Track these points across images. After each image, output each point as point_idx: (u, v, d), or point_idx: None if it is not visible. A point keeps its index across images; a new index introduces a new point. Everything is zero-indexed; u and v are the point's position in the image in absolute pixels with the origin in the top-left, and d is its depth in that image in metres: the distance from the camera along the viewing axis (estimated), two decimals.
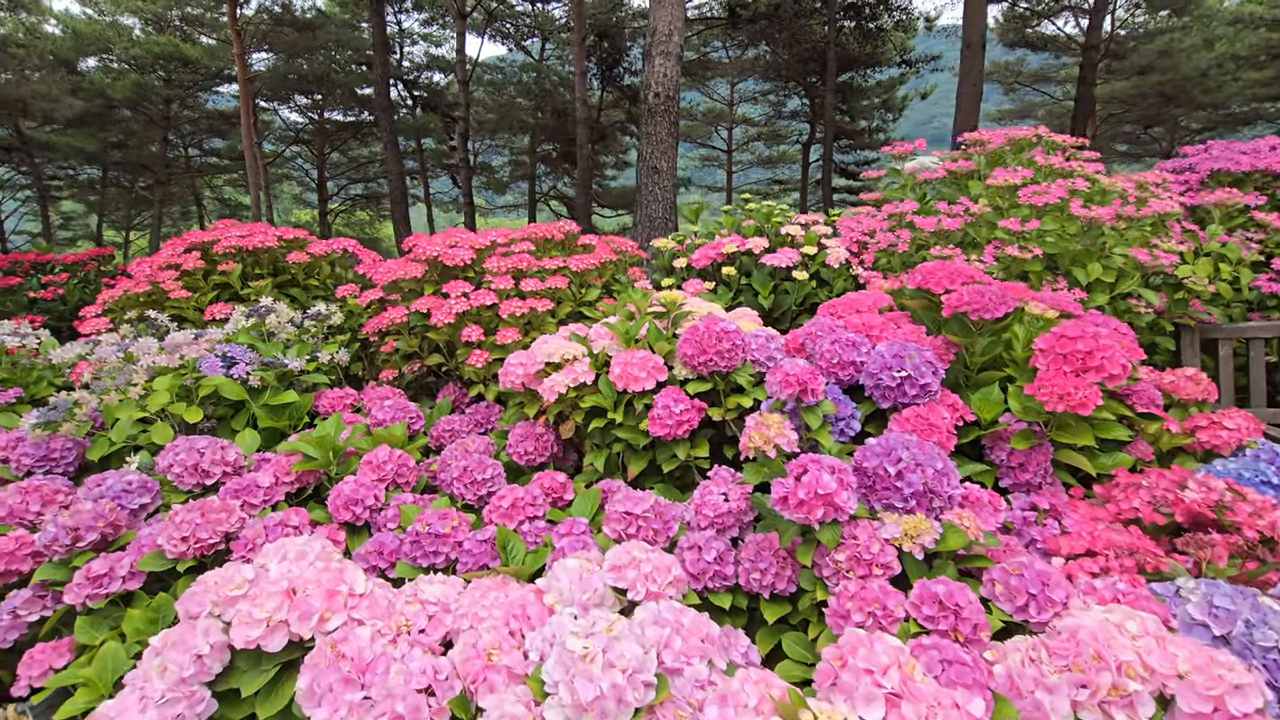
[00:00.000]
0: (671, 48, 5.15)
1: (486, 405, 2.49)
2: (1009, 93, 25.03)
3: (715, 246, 2.64)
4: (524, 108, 23.00)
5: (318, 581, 1.34)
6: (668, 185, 5.32)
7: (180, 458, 1.90)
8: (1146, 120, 22.19)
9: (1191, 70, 18.98)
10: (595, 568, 1.33)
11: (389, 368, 2.76)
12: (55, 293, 3.64)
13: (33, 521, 1.85)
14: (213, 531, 1.60)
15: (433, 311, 2.50)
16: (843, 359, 1.75)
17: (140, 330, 2.67)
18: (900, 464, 1.41)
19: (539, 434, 1.99)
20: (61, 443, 2.14)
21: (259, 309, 2.66)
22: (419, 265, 2.63)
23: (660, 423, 1.77)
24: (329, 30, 21.50)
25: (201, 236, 3.16)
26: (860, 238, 2.67)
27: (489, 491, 1.86)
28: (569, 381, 1.85)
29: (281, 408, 2.45)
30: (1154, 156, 24.68)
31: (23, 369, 2.75)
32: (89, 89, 20.50)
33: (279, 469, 1.90)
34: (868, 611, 1.19)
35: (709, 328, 1.83)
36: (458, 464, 1.89)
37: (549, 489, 1.80)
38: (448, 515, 1.63)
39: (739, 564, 1.47)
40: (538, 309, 2.48)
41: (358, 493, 1.78)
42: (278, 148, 26.51)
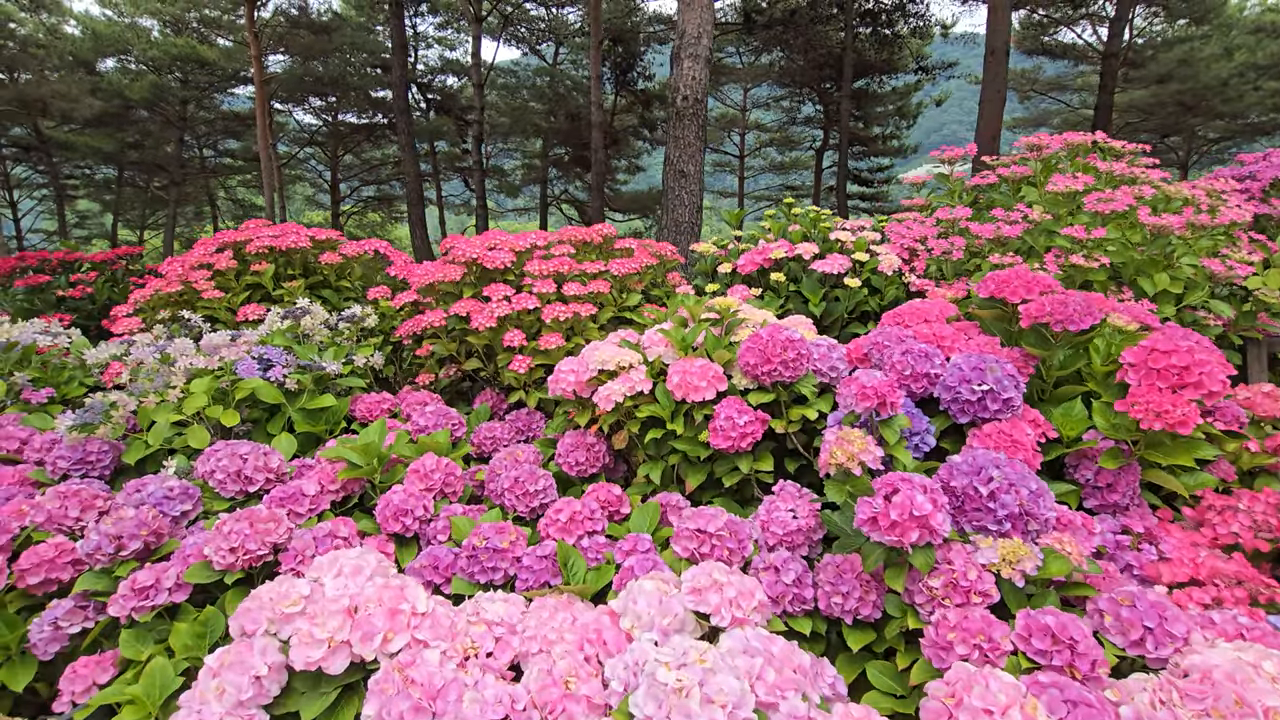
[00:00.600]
0: (700, 50, 5.10)
1: (528, 412, 2.42)
2: (1024, 100, 24.89)
3: (762, 252, 2.57)
4: (537, 111, 23.04)
5: (379, 600, 1.27)
6: (694, 189, 5.25)
7: (223, 464, 1.84)
8: (1164, 129, 21.99)
9: (1211, 79, 18.80)
10: (673, 590, 1.25)
11: (425, 372, 2.70)
12: (84, 291, 3.60)
13: (71, 528, 1.79)
14: (261, 542, 1.53)
15: (473, 315, 2.44)
16: (916, 370, 1.67)
17: (174, 331, 2.62)
18: (992, 484, 1.33)
19: (590, 444, 1.92)
20: (98, 445, 2.09)
21: (295, 310, 2.61)
22: (458, 268, 2.57)
23: (723, 435, 1.69)
24: (345, 33, 21.61)
25: (234, 236, 3.12)
26: (911, 244, 2.60)
27: (541, 504, 1.79)
28: (625, 390, 1.78)
29: (318, 412, 2.39)
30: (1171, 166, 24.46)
31: (54, 369, 2.70)
32: (107, 89, 20.67)
33: (324, 477, 1.84)
34: (973, 644, 1.12)
35: (773, 336, 1.75)
36: (508, 474, 1.82)
37: (605, 502, 1.73)
38: (505, 529, 1.56)
39: (817, 586, 1.39)
40: (581, 314, 2.41)
41: (407, 503, 1.71)
42: (291, 149, 26.64)
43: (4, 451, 2.20)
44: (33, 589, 1.61)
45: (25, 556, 1.60)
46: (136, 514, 1.64)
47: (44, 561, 1.61)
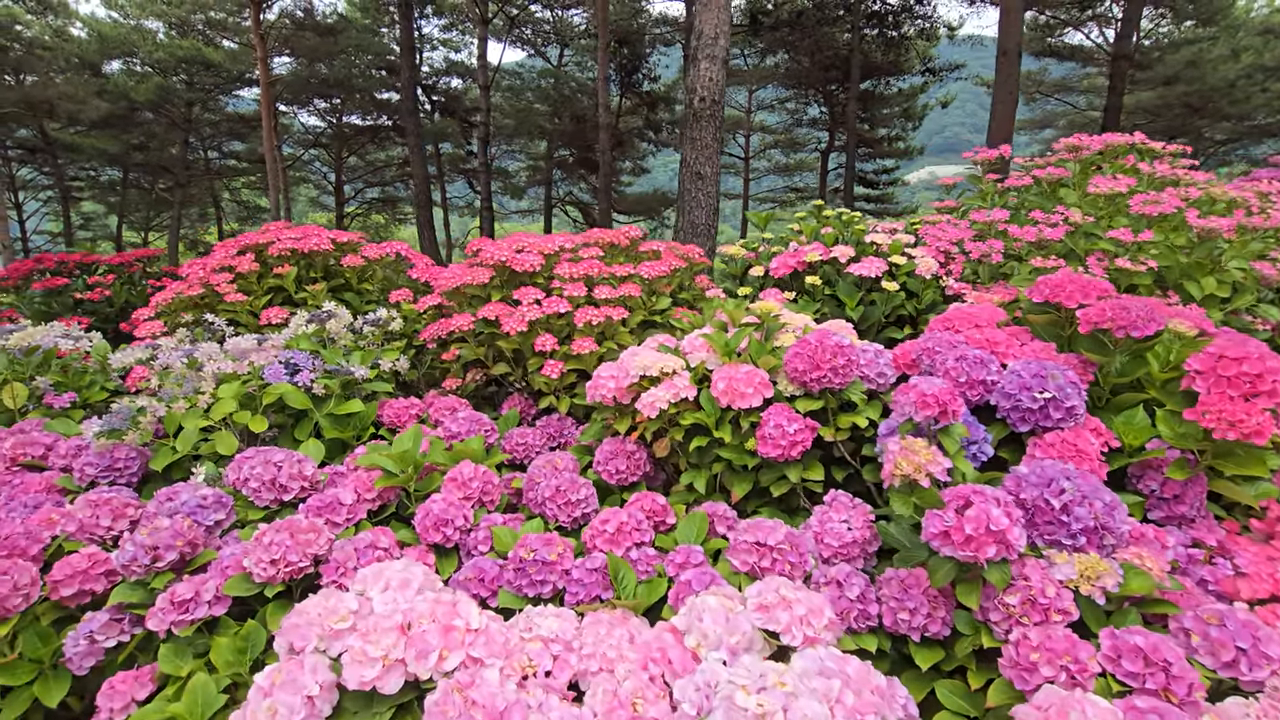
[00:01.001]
0: (717, 51, 5.06)
1: (558, 418, 2.38)
2: (1030, 102, 24.84)
3: (796, 255, 2.52)
4: (541, 113, 23.03)
5: (432, 615, 1.23)
6: (711, 191, 5.21)
7: (256, 471, 1.80)
8: (1171, 131, 21.90)
9: (1219, 81, 18.73)
10: (738, 606, 1.21)
11: (451, 376, 2.66)
12: (102, 294, 3.57)
13: (103, 537, 1.75)
14: (302, 554, 1.49)
15: (502, 319, 2.40)
16: (971, 377, 1.62)
17: (197, 335, 2.58)
18: (1064, 496, 1.29)
19: (630, 451, 1.88)
20: (125, 452, 2.05)
21: (320, 314, 2.57)
22: (486, 270, 2.53)
23: (772, 443, 1.65)
24: (350, 35, 21.63)
25: (255, 238, 3.08)
26: (947, 247, 2.55)
27: (583, 514, 1.74)
28: (669, 397, 1.74)
29: (345, 417, 2.35)
30: None
31: (75, 373, 2.67)
32: (113, 91, 20.69)
33: (360, 485, 1.80)
34: (1059, 665, 1.07)
35: (822, 342, 1.71)
36: (548, 483, 1.77)
37: (650, 512, 1.68)
38: (552, 541, 1.52)
39: (881, 602, 1.34)
40: (613, 317, 2.37)
41: (447, 513, 1.67)
42: (296, 151, 26.66)
43: (29, 457, 2.16)
44: (66, 600, 1.56)
45: (58, 567, 1.56)
46: (172, 524, 1.60)
47: (77, 572, 1.57)
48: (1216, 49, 18.64)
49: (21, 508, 1.89)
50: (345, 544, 1.56)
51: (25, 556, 1.62)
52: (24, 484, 2.01)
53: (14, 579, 1.48)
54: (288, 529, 1.51)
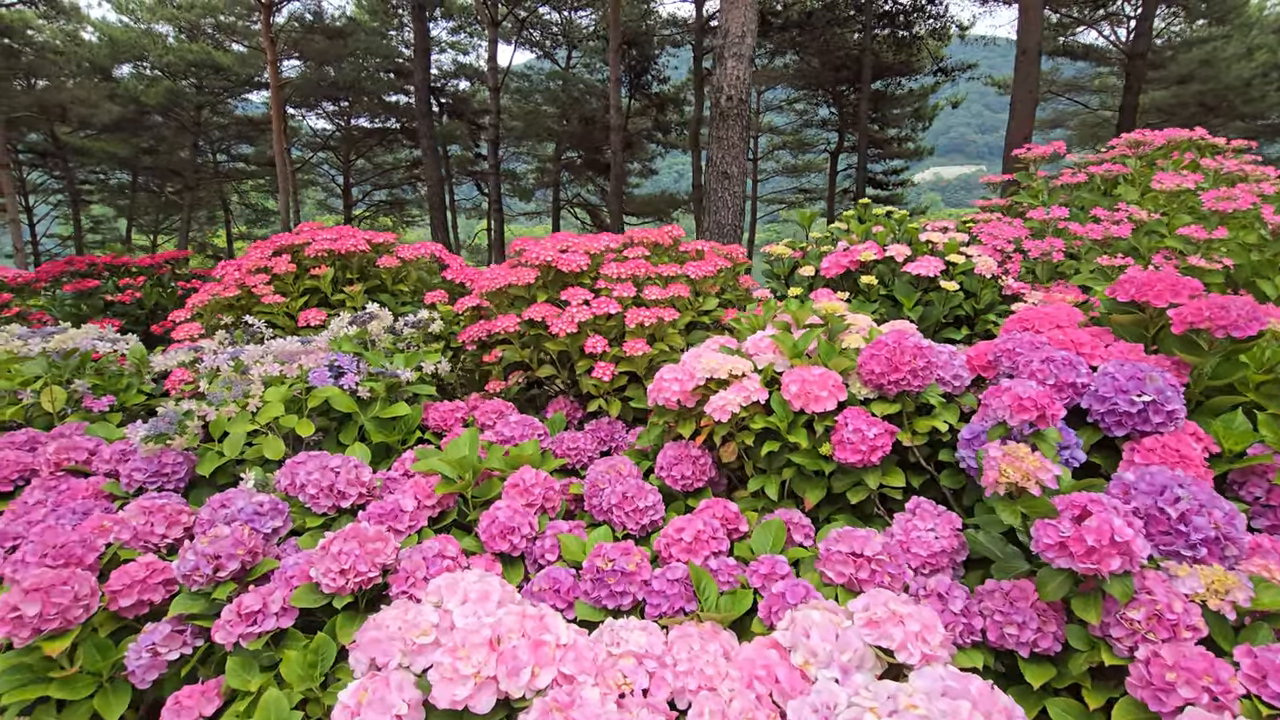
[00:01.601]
0: (744, 50, 5.00)
1: (609, 422, 2.32)
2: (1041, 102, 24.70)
3: (849, 254, 2.46)
4: (550, 115, 23.02)
5: (521, 630, 1.18)
6: (738, 191, 5.16)
7: (314, 477, 1.75)
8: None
9: (1233, 80, 18.59)
10: (845, 621, 1.15)
11: (494, 379, 2.60)
12: (133, 296, 3.53)
13: (157, 545, 1.70)
14: (371, 564, 1.44)
15: (549, 320, 2.34)
16: (1060, 380, 1.56)
17: (236, 337, 2.53)
18: (1180, 504, 1.22)
19: (695, 456, 1.82)
20: (173, 457, 2.00)
21: (362, 315, 2.52)
22: (530, 270, 2.48)
23: (851, 448, 1.59)
24: (359, 38, 21.67)
25: (290, 239, 3.04)
26: (1003, 246, 2.49)
27: (651, 521, 1.69)
28: (741, 400, 1.68)
29: (391, 421, 2.31)
30: None
31: (111, 376, 2.62)
32: (123, 95, 20.78)
33: (419, 491, 1.75)
34: (1200, 685, 1.01)
35: (899, 343, 1.65)
36: (614, 489, 1.72)
37: (724, 519, 1.62)
38: (629, 550, 1.46)
39: (984, 616, 1.28)
40: (664, 318, 2.31)
41: (513, 520, 1.62)
42: (304, 154, 26.73)
43: (73, 462, 2.12)
44: (124, 611, 1.52)
45: (117, 577, 1.52)
46: (233, 533, 1.55)
47: (136, 582, 1.52)
48: (1230, 48, 18.49)
49: (70, 514, 1.84)
50: (413, 553, 1.50)
51: (82, 565, 1.57)
52: (70, 489, 1.97)
53: (74, 589, 1.43)
54: (355, 538, 1.46)
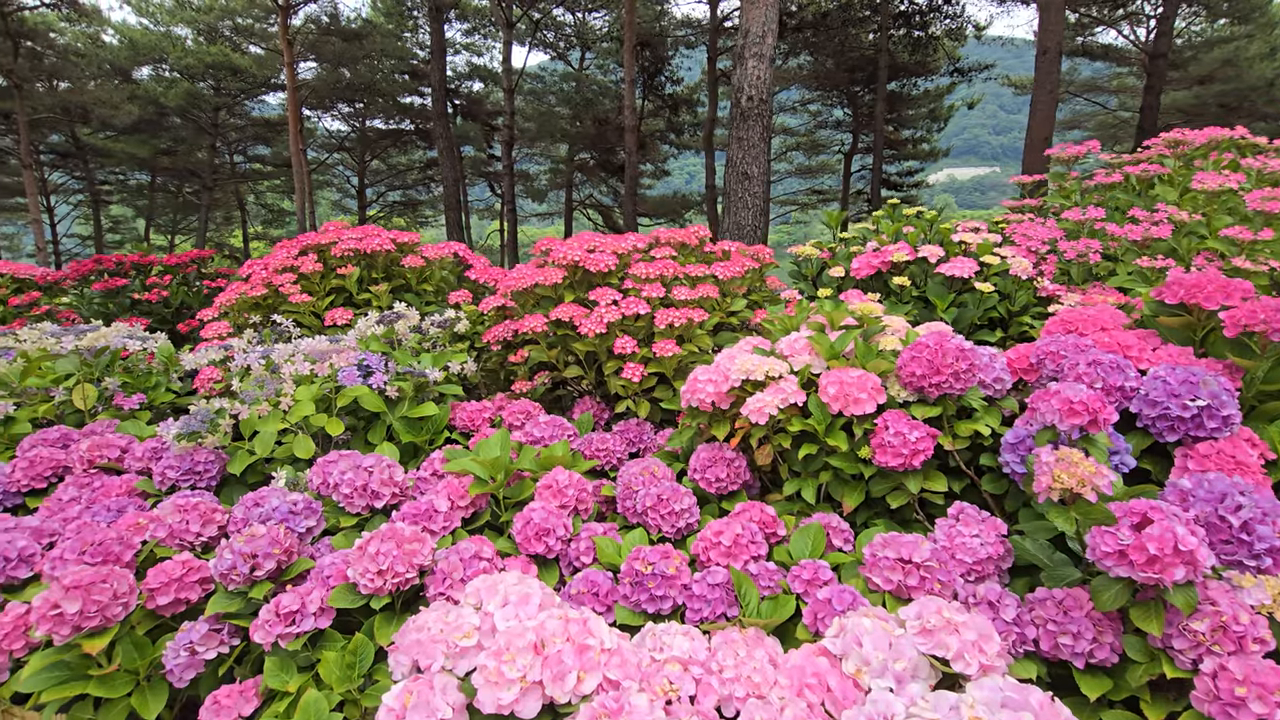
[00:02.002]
0: (765, 50, 4.98)
1: (637, 423, 2.31)
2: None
3: (880, 255, 2.43)
4: (563, 116, 23.07)
5: (565, 634, 1.16)
6: (758, 191, 5.13)
7: (347, 477, 1.74)
8: None
9: (1256, 79, 18.30)
10: (897, 629, 1.12)
11: (520, 379, 2.59)
12: (159, 294, 3.55)
13: (191, 543, 1.70)
14: (408, 564, 1.43)
15: (578, 320, 2.33)
16: (1108, 384, 1.52)
17: (265, 336, 2.54)
18: (1242, 512, 1.19)
19: (730, 459, 1.80)
20: (205, 455, 2.01)
21: (390, 315, 2.52)
22: (558, 270, 2.47)
23: (892, 451, 1.56)
24: (374, 40, 21.83)
25: (315, 239, 3.05)
26: (1038, 247, 2.45)
27: (686, 524, 1.67)
28: (778, 402, 1.66)
29: (419, 421, 2.30)
30: None
31: (140, 374, 2.64)
32: (143, 96, 21.06)
33: (453, 492, 1.73)
34: (1274, 700, 0.97)
35: (941, 344, 1.62)
36: (648, 491, 1.70)
37: (761, 523, 1.60)
38: (669, 554, 1.44)
39: (1036, 625, 1.25)
40: (694, 319, 2.29)
41: (548, 522, 1.60)
42: (319, 155, 26.96)
43: (106, 460, 2.13)
44: (161, 610, 1.51)
45: (153, 575, 1.52)
46: (269, 532, 1.55)
47: (173, 580, 1.52)
48: (1254, 47, 18.20)
49: (105, 511, 1.85)
50: (450, 554, 1.49)
51: (120, 563, 1.57)
52: (104, 487, 1.98)
53: (113, 587, 1.43)
54: (393, 538, 1.45)
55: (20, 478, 2.09)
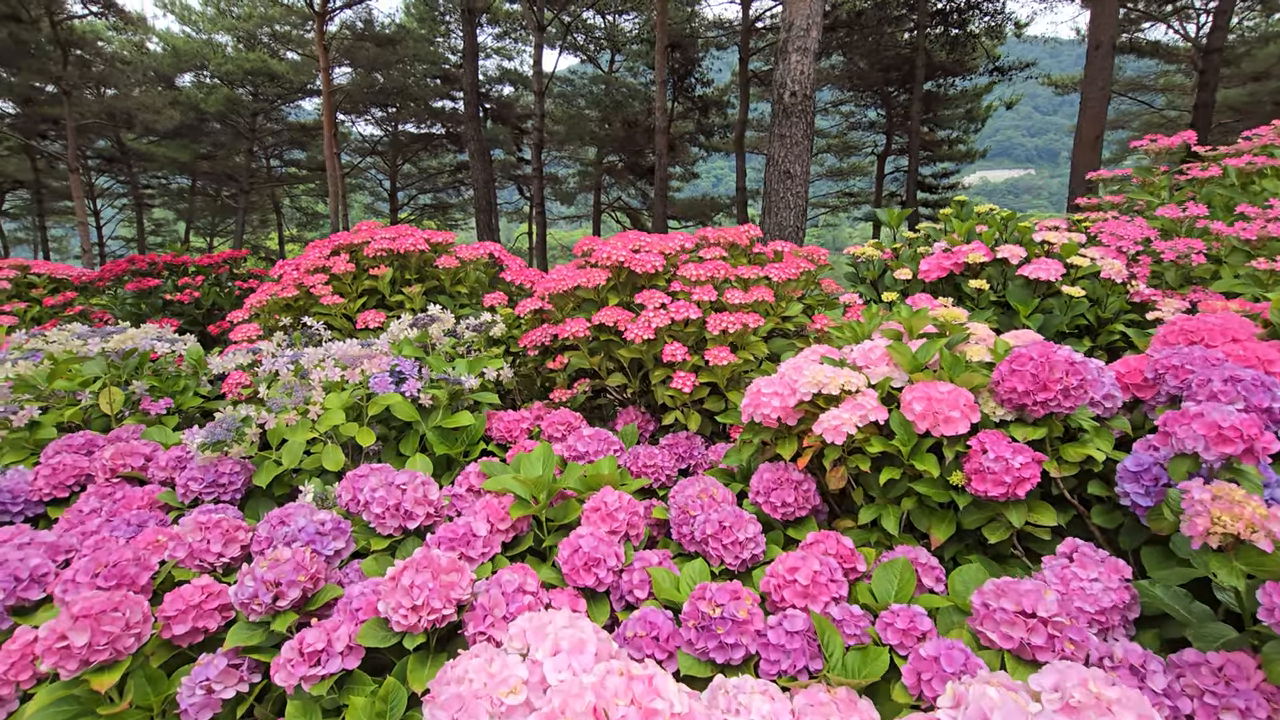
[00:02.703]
0: (809, 44, 4.77)
1: (686, 436, 2.13)
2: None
3: (952, 256, 2.23)
4: (592, 119, 23.05)
5: (628, 694, 0.99)
6: (800, 191, 4.92)
7: (379, 494, 1.60)
8: None
9: None
10: (1030, 703, 0.93)
11: (559, 387, 2.44)
12: (191, 295, 3.49)
13: (212, 564, 1.58)
14: (446, 598, 1.27)
15: (622, 325, 2.17)
16: (1250, 404, 1.31)
17: (295, 339, 2.43)
18: None
19: (798, 481, 1.61)
20: (230, 466, 1.89)
21: (423, 318, 2.39)
22: (601, 271, 2.31)
23: (992, 479, 1.36)
24: (408, 45, 22.08)
25: (348, 239, 2.94)
26: (1128, 246, 2.22)
27: (752, 555, 1.49)
28: (857, 420, 1.47)
29: (453, 431, 2.16)
30: None
31: (168, 377, 2.55)
32: (184, 102, 21.60)
33: (492, 514, 1.58)
34: None
35: (1048, 356, 1.42)
36: (708, 517, 1.53)
37: (839, 556, 1.41)
38: (739, 593, 1.26)
39: (1189, 696, 1.04)
40: (749, 324, 2.12)
41: (599, 550, 1.44)
42: (353, 159, 27.38)
43: (129, 468, 2.03)
44: (178, 639, 1.39)
45: (170, 601, 1.39)
46: (294, 556, 1.41)
47: (191, 607, 1.39)
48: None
49: (125, 526, 1.74)
50: (490, 587, 1.33)
51: (135, 587, 1.45)
52: (126, 498, 1.87)
53: (126, 616, 1.30)
54: (428, 568, 1.30)
55: (43, 486, 2.00)
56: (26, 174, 22.22)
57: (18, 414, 2.15)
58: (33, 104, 19.04)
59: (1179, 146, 2.44)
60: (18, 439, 2.21)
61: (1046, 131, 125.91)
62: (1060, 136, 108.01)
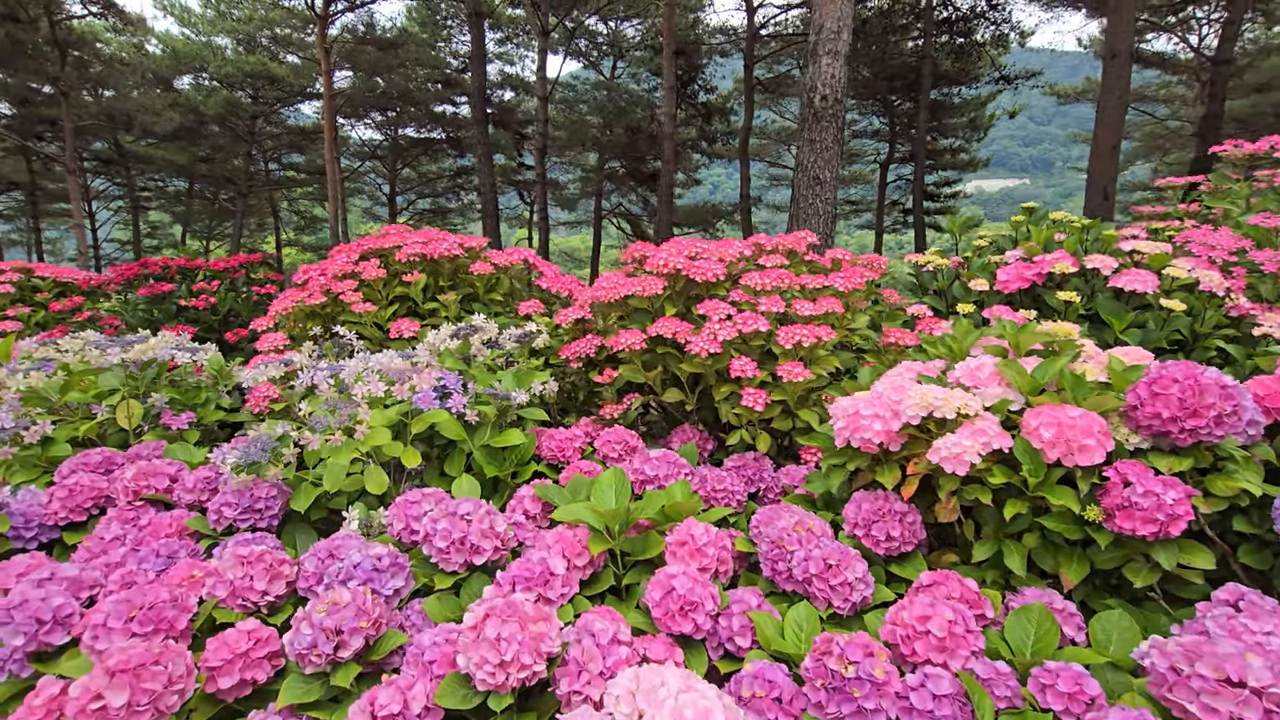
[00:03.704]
0: (840, 46, 4.66)
1: (755, 457, 1.99)
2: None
3: (1035, 266, 2.09)
4: (594, 125, 22.98)
5: None
6: (829, 198, 4.80)
7: (442, 527, 1.45)
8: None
9: None
10: None
11: (609, 403, 2.29)
12: (208, 301, 3.32)
13: (256, 604, 1.42)
14: (535, 652, 1.12)
15: (682, 337, 2.02)
16: None
17: (326, 349, 2.27)
18: None
19: (902, 513, 1.47)
20: (266, 490, 1.73)
21: (466, 327, 2.24)
22: (658, 280, 2.17)
23: (1141, 515, 1.22)
24: (409, 49, 21.99)
25: (376, 243, 2.79)
26: (1222, 257, 2.09)
27: (862, 598, 1.34)
28: (979, 448, 1.33)
29: (500, 450, 2.01)
30: None
31: (188, 389, 2.39)
32: (183, 105, 21.45)
33: (567, 548, 1.43)
34: None
35: (1195, 377, 1.28)
36: (809, 553, 1.38)
37: (966, 601, 1.27)
38: (871, 649, 1.11)
39: None
40: (822, 337, 1.97)
41: (694, 593, 1.29)
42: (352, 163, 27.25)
43: (152, 490, 1.86)
44: (223, 693, 1.22)
45: (214, 650, 1.23)
46: (354, 599, 1.25)
47: (237, 656, 1.23)
48: None
49: (154, 557, 1.58)
50: (582, 638, 1.18)
51: (174, 633, 1.29)
52: (152, 525, 1.71)
53: (168, 670, 1.14)
54: (515, 617, 1.14)
55: (58, 509, 1.83)
56: (22, 175, 21.97)
57: (30, 429, 1.99)
58: (30, 105, 18.84)
59: (1265, 152, 2.33)
60: (29, 457, 2.05)
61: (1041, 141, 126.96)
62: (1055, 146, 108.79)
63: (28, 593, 1.34)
